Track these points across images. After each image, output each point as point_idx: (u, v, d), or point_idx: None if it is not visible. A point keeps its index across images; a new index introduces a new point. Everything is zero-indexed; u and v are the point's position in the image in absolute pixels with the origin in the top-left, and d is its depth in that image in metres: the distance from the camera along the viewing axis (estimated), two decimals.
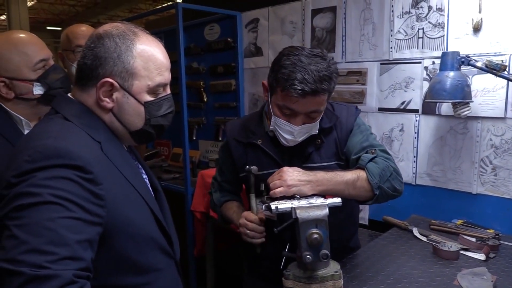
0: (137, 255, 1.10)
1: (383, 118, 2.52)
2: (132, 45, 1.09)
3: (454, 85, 1.89)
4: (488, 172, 2.15)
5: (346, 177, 1.48)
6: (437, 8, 2.24)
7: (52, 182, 0.91)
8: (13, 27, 11.81)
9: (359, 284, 1.54)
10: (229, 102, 3.49)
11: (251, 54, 3.30)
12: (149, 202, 1.17)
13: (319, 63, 1.47)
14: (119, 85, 1.09)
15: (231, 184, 1.86)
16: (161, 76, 1.14)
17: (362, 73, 2.59)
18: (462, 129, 2.21)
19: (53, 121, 1.08)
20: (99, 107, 1.12)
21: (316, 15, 2.82)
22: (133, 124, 1.15)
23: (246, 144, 1.71)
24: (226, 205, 1.83)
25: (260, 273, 1.82)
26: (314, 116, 1.55)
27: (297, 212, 1.35)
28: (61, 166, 0.93)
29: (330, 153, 1.67)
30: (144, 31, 1.15)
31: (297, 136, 1.56)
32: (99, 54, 1.08)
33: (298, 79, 1.43)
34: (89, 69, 1.09)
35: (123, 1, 13.97)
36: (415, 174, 2.41)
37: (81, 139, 1.04)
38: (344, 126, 1.68)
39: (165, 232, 1.21)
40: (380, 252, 1.82)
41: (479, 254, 1.74)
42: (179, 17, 3.03)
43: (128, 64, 1.08)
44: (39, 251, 0.83)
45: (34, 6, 14.60)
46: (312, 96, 1.46)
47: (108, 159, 1.07)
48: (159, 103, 1.16)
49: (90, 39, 1.11)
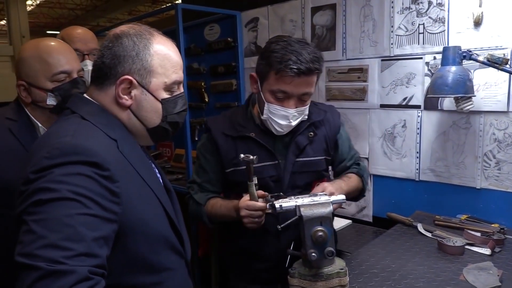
0: (150, 254, 1.11)
1: (385, 114, 2.51)
2: (149, 44, 1.13)
3: (456, 80, 1.89)
4: (492, 167, 2.14)
5: (354, 184, 1.75)
6: (437, 3, 2.23)
7: (70, 178, 0.92)
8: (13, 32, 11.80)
9: (365, 281, 1.53)
10: (231, 102, 3.48)
11: (252, 53, 3.29)
12: (163, 202, 1.18)
13: (307, 47, 1.55)
14: (138, 82, 1.12)
15: (213, 184, 1.77)
16: (177, 74, 1.18)
17: (363, 70, 2.59)
18: (465, 124, 2.21)
19: (70, 120, 1.10)
20: (117, 105, 1.14)
21: (316, 13, 2.81)
22: (151, 120, 1.17)
23: (236, 137, 1.69)
24: (210, 202, 1.73)
25: (251, 277, 1.78)
26: (305, 99, 1.60)
27: (302, 210, 1.35)
28: (78, 163, 0.95)
29: (321, 148, 1.74)
30: (158, 32, 1.19)
31: (292, 120, 1.59)
32: (118, 52, 1.10)
33: (293, 59, 1.50)
34: (108, 67, 1.11)
35: (122, 4, 13.96)
36: (419, 170, 2.41)
37: (98, 137, 1.06)
38: (332, 123, 1.77)
39: (177, 232, 1.23)
40: (385, 248, 1.82)
41: (484, 249, 1.74)
42: (178, 18, 3.02)
43: (146, 62, 1.12)
44: (56, 246, 0.84)
45: (33, 11, 14.60)
46: (306, 76, 1.52)
47: (124, 157, 1.08)
48: (174, 100, 1.19)
49: (108, 39, 1.13)
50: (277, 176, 1.66)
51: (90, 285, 0.85)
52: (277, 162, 1.66)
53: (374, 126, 2.55)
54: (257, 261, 1.72)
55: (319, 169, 1.73)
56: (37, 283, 0.81)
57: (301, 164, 1.68)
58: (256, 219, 1.51)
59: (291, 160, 1.66)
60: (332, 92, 2.74)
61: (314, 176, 1.72)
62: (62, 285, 0.81)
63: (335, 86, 2.73)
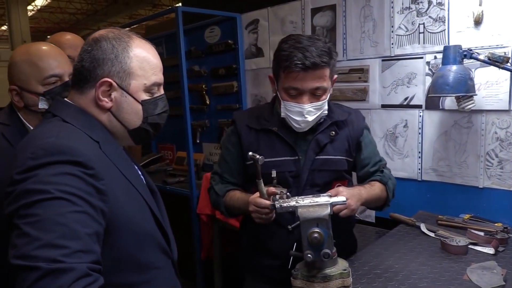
0: (138, 252, 1.12)
1: (386, 114, 2.51)
2: (128, 47, 1.14)
3: (457, 79, 1.88)
4: (494, 166, 2.13)
5: (376, 192, 1.70)
6: (437, 3, 2.23)
7: (57, 178, 0.93)
8: (14, 37, 11.86)
9: (368, 282, 1.53)
10: (232, 104, 3.48)
11: (252, 55, 3.29)
12: (147, 201, 1.19)
13: (316, 43, 1.56)
14: (117, 85, 1.13)
15: (233, 176, 1.81)
16: (156, 76, 1.19)
17: (364, 70, 2.59)
18: (467, 123, 2.20)
19: (52, 123, 1.11)
20: (98, 107, 1.15)
21: (316, 14, 2.81)
22: (131, 122, 1.19)
23: (259, 130, 1.72)
24: (229, 194, 1.77)
25: (263, 275, 1.80)
26: (319, 94, 1.59)
27: (299, 211, 1.35)
28: (63, 162, 0.96)
29: (343, 148, 1.72)
30: (137, 35, 1.20)
31: (307, 115, 1.59)
32: (97, 56, 1.12)
33: (298, 56, 1.52)
34: (87, 71, 1.12)
35: (122, 8, 14.01)
36: (421, 170, 2.40)
37: (81, 138, 1.07)
38: (356, 125, 1.76)
39: (163, 231, 1.23)
40: (388, 249, 1.82)
41: (488, 248, 1.73)
42: (179, 20, 3.03)
43: (125, 65, 1.13)
44: (53, 245, 0.85)
45: (34, 16, 14.66)
46: (313, 70, 1.53)
47: (107, 157, 1.10)
48: (155, 102, 1.21)
49: (87, 43, 1.15)
50: (296, 172, 1.66)
51: (90, 282, 0.86)
52: (297, 158, 1.66)
53: (376, 126, 2.55)
54: (269, 257, 1.73)
55: (339, 168, 1.71)
56: (37, 283, 0.81)
57: (320, 162, 1.67)
58: (264, 216, 1.53)
59: (310, 157, 1.66)
60: (333, 93, 2.71)
61: (333, 175, 1.71)
62: (63, 283, 0.82)
63: (336, 86, 2.72)
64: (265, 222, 1.55)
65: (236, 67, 3.38)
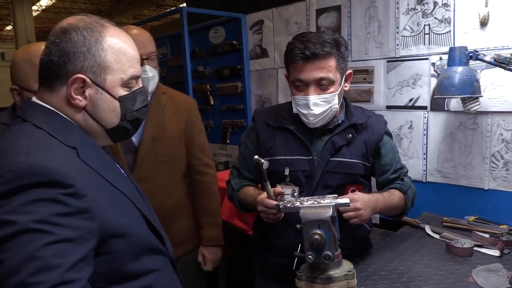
0: (134, 261, 1.06)
1: (391, 116, 2.50)
2: (101, 38, 1.04)
3: (463, 80, 1.88)
4: (500, 167, 2.12)
5: (394, 201, 1.67)
6: (442, 4, 2.23)
7: (31, 207, 0.84)
8: (19, 37, 11.91)
9: (373, 284, 1.52)
10: (236, 105, 3.49)
11: (257, 56, 3.30)
12: (136, 203, 1.13)
13: (321, 35, 1.58)
14: (92, 81, 1.03)
15: (250, 171, 1.84)
16: (134, 68, 1.10)
17: (369, 71, 2.58)
18: (472, 125, 2.19)
19: (23, 131, 1.00)
20: (71, 107, 1.05)
21: (321, 15, 2.81)
22: (109, 120, 1.10)
23: (276, 128, 1.73)
24: (243, 189, 1.81)
25: (271, 273, 1.82)
26: (324, 85, 1.58)
27: (301, 212, 1.35)
28: (37, 186, 0.86)
29: (359, 152, 1.69)
30: (110, 23, 1.09)
31: (313, 107, 1.57)
32: (67, 49, 1.01)
33: (298, 47, 1.55)
34: (57, 66, 1.02)
35: (127, 8, 14.05)
36: (426, 171, 2.40)
37: (55, 149, 0.97)
38: (376, 130, 1.72)
39: (156, 232, 1.18)
40: (393, 250, 1.81)
41: (493, 250, 1.72)
42: (183, 21, 3.04)
43: (99, 58, 1.03)
44: (26, 284, 0.79)
45: (39, 16, 14.73)
46: (315, 60, 1.54)
47: (87, 165, 1.00)
48: (133, 96, 1.12)
49: (54, 34, 1.03)
50: (309, 172, 1.66)
51: None
52: (312, 158, 1.66)
53: None
54: (278, 256, 1.73)
55: (354, 172, 1.68)
56: None
57: (335, 164, 1.66)
58: (271, 216, 1.54)
59: (325, 158, 1.65)
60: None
61: (347, 178, 1.68)
62: None
63: None
64: (273, 221, 1.57)
65: (240, 68, 3.39)
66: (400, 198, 1.70)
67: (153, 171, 1.98)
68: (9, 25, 14.90)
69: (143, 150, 1.95)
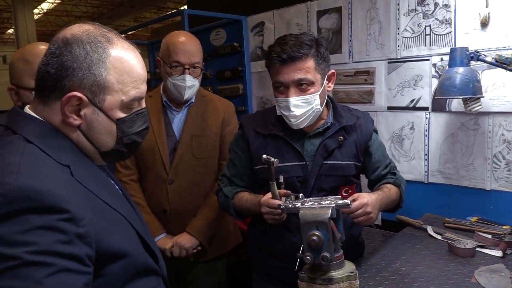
0: (128, 284, 1.01)
1: (392, 117, 2.50)
2: (105, 54, 0.96)
3: (464, 81, 1.88)
4: (502, 168, 2.12)
5: (392, 197, 1.69)
6: (443, 5, 2.23)
7: (26, 236, 0.77)
8: (21, 40, 11.97)
9: (375, 284, 1.52)
10: (237, 106, 3.45)
11: (258, 57, 3.30)
12: (132, 223, 1.06)
13: (300, 37, 1.59)
14: (89, 100, 0.95)
15: (242, 179, 1.81)
16: (137, 90, 1.02)
17: (370, 73, 2.58)
18: (474, 125, 2.19)
19: (13, 146, 0.92)
20: (65, 124, 0.98)
21: (322, 17, 2.81)
22: (104, 143, 1.03)
23: (266, 135, 1.72)
24: (238, 195, 1.77)
25: (270, 275, 1.81)
26: (304, 86, 1.58)
27: (300, 213, 1.35)
28: (32, 211, 0.79)
29: (351, 153, 1.71)
30: (119, 36, 1.01)
31: (293, 109, 1.58)
32: (66, 63, 0.93)
33: (276, 50, 1.57)
34: (53, 79, 0.94)
35: (128, 11, 14.09)
36: (427, 172, 2.40)
37: (48, 168, 0.90)
38: (364, 130, 1.74)
39: (151, 252, 1.12)
40: (395, 251, 1.81)
41: (495, 251, 1.72)
42: (185, 23, 3.04)
43: (100, 77, 0.95)
44: None
45: (40, 19, 14.78)
46: (292, 62, 1.55)
47: (81, 185, 0.94)
48: (132, 118, 1.04)
49: (55, 44, 0.96)
50: (303, 177, 1.66)
51: None
52: (305, 163, 1.66)
53: (382, 128, 2.54)
54: (278, 259, 1.73)
55: (347, 174, 1.70)
56: None
57: (328, 167, 1.67)
58: (276, 216, 1.54)
59: (318, 162, 1.66)
60: (339, 95, 2.73)
61: (341, 180, 1.70)
62: None
63: (342, 89, 2.73)
64: (278, 222, 1.56)
65: (241, 70, 3.39)
66: (396, 192, 1.72)
67: (190, 169, 2.05)
68: (10, 28, 14.93)
69: (182, 147, 2.04)
